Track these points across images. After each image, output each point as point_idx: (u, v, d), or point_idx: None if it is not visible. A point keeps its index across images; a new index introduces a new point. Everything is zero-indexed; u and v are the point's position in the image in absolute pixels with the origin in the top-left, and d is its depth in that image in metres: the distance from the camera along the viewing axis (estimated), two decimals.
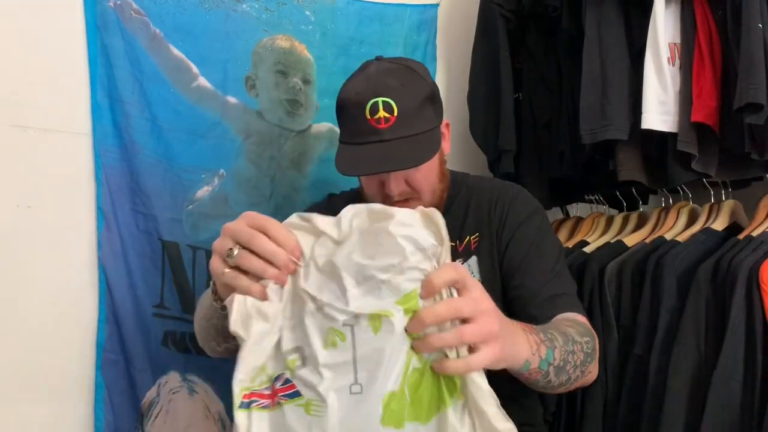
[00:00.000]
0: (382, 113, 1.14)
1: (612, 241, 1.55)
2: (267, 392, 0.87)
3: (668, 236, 1.44)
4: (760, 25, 1.25)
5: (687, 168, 1.38)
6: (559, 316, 1.13)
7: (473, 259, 1.26)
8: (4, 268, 1.44)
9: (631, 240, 1.52)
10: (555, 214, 1.87)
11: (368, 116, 1.14)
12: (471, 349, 0.81)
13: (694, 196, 1.51)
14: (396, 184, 1.19)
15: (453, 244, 1.24)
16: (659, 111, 1.38)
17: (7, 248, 1.44)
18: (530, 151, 1.74)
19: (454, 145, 1.90)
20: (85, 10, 1.51)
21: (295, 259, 0.85)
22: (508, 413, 0.84)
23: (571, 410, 1.46)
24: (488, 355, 0.80)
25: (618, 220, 1.63)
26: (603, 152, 1.50)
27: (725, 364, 1.20)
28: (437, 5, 1.87)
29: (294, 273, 0.86)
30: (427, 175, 1.21)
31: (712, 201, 1.45)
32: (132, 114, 1.53)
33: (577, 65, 1.51)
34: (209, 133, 1.60)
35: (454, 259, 1.21)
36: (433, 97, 1.22)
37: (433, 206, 1.06)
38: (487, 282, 1.15)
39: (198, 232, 1.58)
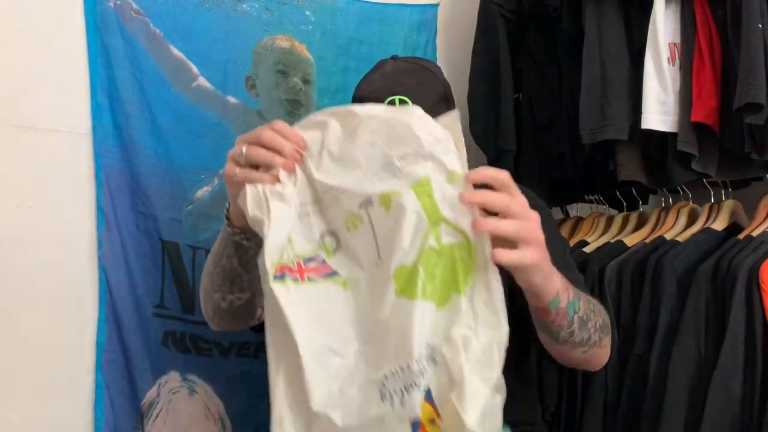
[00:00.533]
0: None
1: (612, 241, 1.55)
2: (295, 267, 0.91)
3: (668, 236, 1.44)
4: (760, 25, 1.25)
5: (687, 168, 1.38)
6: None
7: None
8: (3, 268, 1.44)
9: (631, 240, 1.52)
10: (555, 214, 1.87)
11: None
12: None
13: (694, 196, 1.51)
14: None
15: None
16: (659, 111, 1.38)
17: (7, 248, 1.44)
18: (530, 151, 1.74)
19: None
20: (85, 10, 1.51)
21: (300, 149, 0.92)
22: (507, 411, 0.85)
23: (570, 410, 1.46)
24: (532, 254, 0.84)
25: (618, 220, 1.63)
26: (603, 152, 1.50)
27: (725, 364, 1.20)
28: (437, 5, 1.87)
29: (302, 163, 0.93)
30: None
31: (712, 201, 1.45)
32: (132, 114, 1.53)
33: (577, 65, 1.51)
34: (209, 133, 1.60)
35: None
36: (447, 97, 1.25)
37: None
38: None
39: (198, 232, 1.58)
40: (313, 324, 0.89)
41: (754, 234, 1.30)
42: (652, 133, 1.39)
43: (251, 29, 1.66)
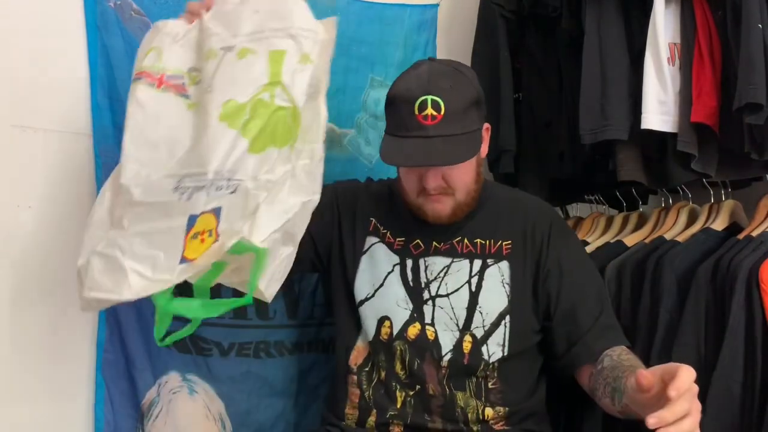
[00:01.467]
0: (430, 110, 1.19)
1: (612, 241, 1.55)
2: (157, 76, 1.16)
3: (668, 236, 1.44)
4: (760, 26, 1.25)
5: (687, 168, 1.38)
6: (616, 349, 1.21)
7: (504, 264, 1.30)
8: (4, 268, 1.44)
9: (630, 240, 1.52)
10: None
11: (417, 112, 1.19)
12: None
13: (693, 196, 1.51)
14: (434, 178, 1.24)
15: (484, 242, 1.32)
16: (659, 111, 1.38)
17: (7, 248, 1.44)
18: (530, 151, 1.74)
19: None
20: (85, 11, 1.51)
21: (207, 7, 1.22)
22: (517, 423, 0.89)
23: (570, 410, 1.46)
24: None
25: (618, 220, 1.63)
26: (603, 152, 1.50)
27: (725, 364, 1.20)
28: (437, 5, 1.87)
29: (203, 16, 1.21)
30: (463, 174, 1.26)
31: (712, 201, 1.45)
32: None
33: (577, 65, 1.51)
34: None
35: (483, 257, 1.31)
36: (479, 102, 1.26)
37: (465, 204, 1.29)
38: (515, 290, 1.28)
39: None
40: (148, 123, 1.12)
41: (754, 234, 1.30)
42: (652, 133, 1.39)
43: None
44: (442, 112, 1.19)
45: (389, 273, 1.32)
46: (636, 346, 1.36)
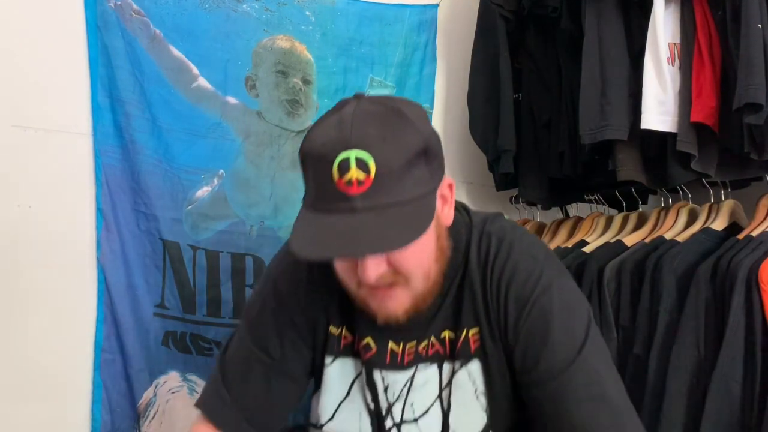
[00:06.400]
0: (354, 173, 0.83)
1: (611, 240, 1.55)
2: None
3: (668, 236, 1.44)
4: (760, 26, 1.25)
5: (686, 168, 1.38)
6: None
7: (475, 365, 0.98)
8: (3, 268, 1.44)
9: (630, 240, 1.51)
10: (555, 214, 1.87)
11: (336, 176, 0.83)
12: None
13: (693, 196, 1.51)
14: (374, 268, 0.88)
15: (452, 336, 0.99)
16: (659, 111, 1.38)
17: (6, 248, 1.44)
18: (530, 151, 1.74)
19: (454, 145, 1.92)
20: (85, 11, 1.51)
21: None
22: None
23: None
24: None
25: (617, 220, 1.63)
26: (603, 152, 1.50)
27: (725, 364, 1.20)
28: (437, 5, 1.87)
29: None
30: (416, 255, 0.90)
31: (712, 201, 1.45)
32: (132, 114, 1.53)
33: (577, 65, 1.50)
34: (209, 134, 1.61)
35: (452, 358, 0.99)
36: (428, 152, 0.88)
37: (428, 293, 0.94)
38: (488, 394, 0.98)
39: (198, 231, 1.58)
40: None
41: (754, 234, 1.30)
42: (651, 133, 1.39)
43: (251, 29, 1.66)
44: (372, 174, 0.83)
45: (352, 382, 1.04)
46: (636, 346, 1.36)
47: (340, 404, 1.03)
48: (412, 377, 1.00)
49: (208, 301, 1.58)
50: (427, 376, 0.99)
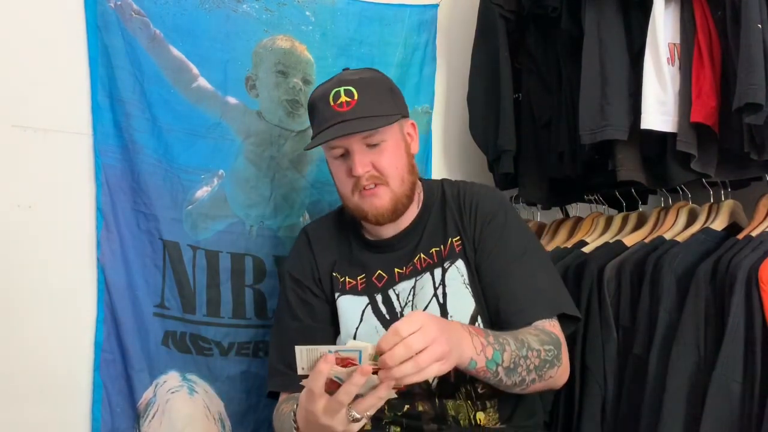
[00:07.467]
0: (344, 98, 1.24)
1: (611, 241, 1.55)
2: None
3: (667, 236, 1.44)
4: (760, 25, 1.25)
5: (686, 168, 1.38)
6: (531, 326, 1.20)
7: (460, 263, 1.29)
8: (3, 268, 1.44)
9: (630, 240, 1.52)
10: (555, 214, 1.87)
11: (332, 103, 1.25)
12: None
13: (693, 196, 1.51)
14: (361, 163, 1.25)
15: (438, 249, 1.31)
16: (658, 111, 1.39)
17: (6, 248, 1.44)
18: (530, 151, 1.75)
19: (454, 145, 1.92)
20: (85, 11, 1.51)
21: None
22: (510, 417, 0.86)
23: (568, 410, 1.45)
24: (439, 370, 0.97)
25: (617, 220, 1.63)
26: (602, 152, 1.50)
27: (725, 364, 1.20)
28: (437, 5, 1.88)
29: None
30: (392, 158, 1.27)
31: (712, 201, 1.45)
32: (132, 114, 1.53)
33: (577, 65, 1.51)
34: (209, 134, 1.60)
35: (441, 263, 1.30)
36: (393, 90, 1.33)
37: (404, 196, 1.29)
38: (472, 285, 1.27)
39: (197, 231, 1.58)
40: None
41: (754, 234, 1.30)
42: (651, 133, 1.39)
43: (251, 30, 1.66)
44: (356, 98, 1.24)
45: (363, 311, 1.31)
46: (636, 346, 1.36)
47: (356, 329, 1.30)
48: (414, 285, 1.30)
49: (207, 301, 1.58)
50: (424, 281, 1.29)
